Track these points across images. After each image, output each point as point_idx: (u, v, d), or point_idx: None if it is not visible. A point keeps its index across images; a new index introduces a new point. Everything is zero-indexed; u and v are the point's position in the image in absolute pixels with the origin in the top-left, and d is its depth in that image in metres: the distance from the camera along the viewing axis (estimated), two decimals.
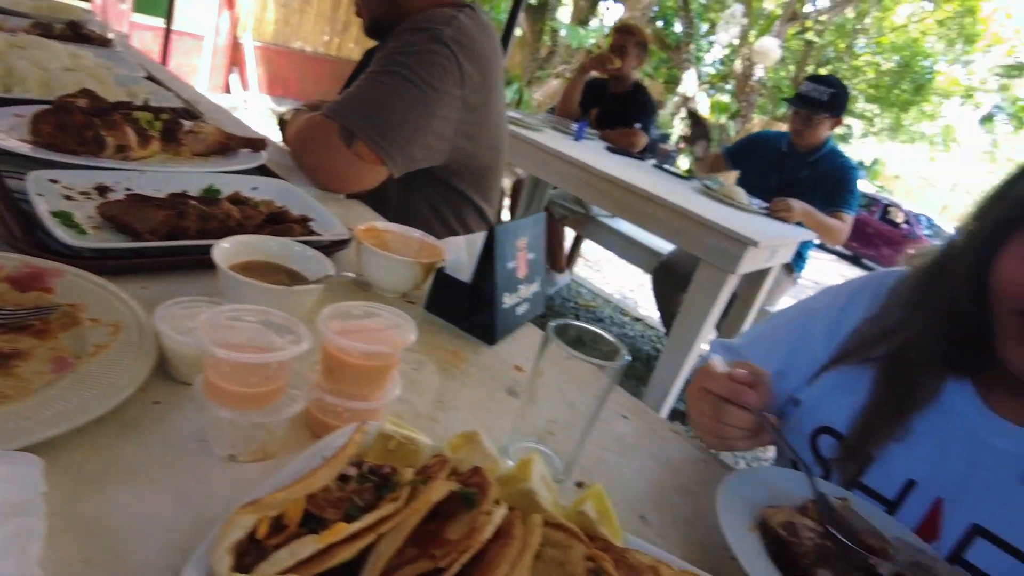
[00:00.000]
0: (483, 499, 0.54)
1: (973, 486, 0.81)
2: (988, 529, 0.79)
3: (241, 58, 8.59)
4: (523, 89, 11.79)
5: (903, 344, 0.88)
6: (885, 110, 15.88)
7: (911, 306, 0.89)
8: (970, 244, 0.83)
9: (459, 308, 1.01)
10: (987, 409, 0.83)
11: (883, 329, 0.91)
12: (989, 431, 0.82)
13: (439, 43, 1.43)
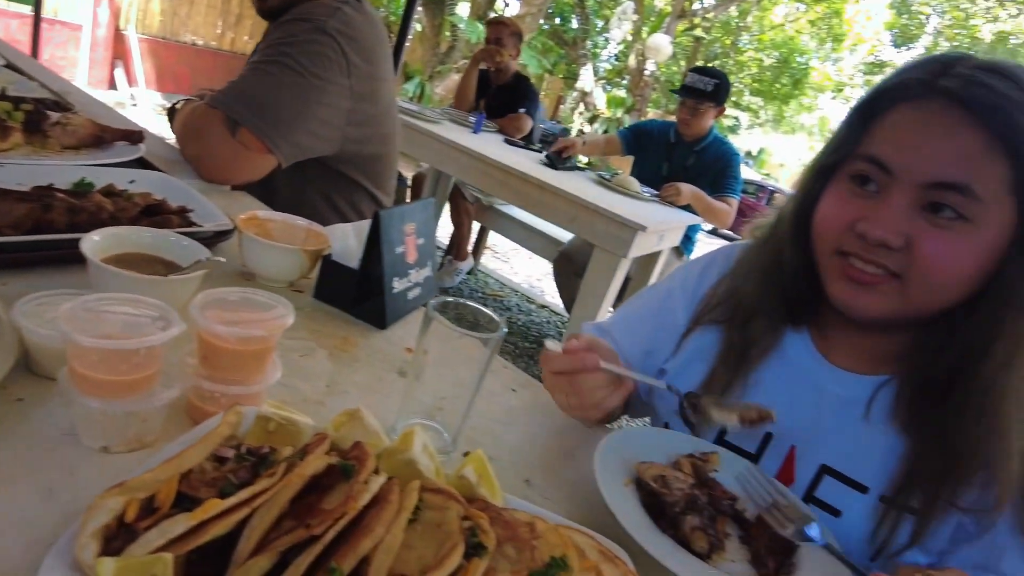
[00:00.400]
0: (360, 470, 0.56)
1: (819, 431, 0.89)
2: (833, 468, 0.88)
3: (125, 51, 8.03)
4: (424, 83, 11.70)
5: (741, 303, 0.96)
6: (768, 103, 16.90)
7: (748, 267, 0.97)
8: (793, 200, 0.92)
9: (348, 294, 1.01)
10: (823, 359, 0.92)
11: (725, 292, 0.99)
12: (827, 379, 0.91)
13: (323, 33, 1.42)
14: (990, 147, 0.72)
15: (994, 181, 0.73)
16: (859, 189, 0.81)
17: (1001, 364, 0.76)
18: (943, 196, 0.74)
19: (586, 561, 0.58)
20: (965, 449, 0.78)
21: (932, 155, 0.75)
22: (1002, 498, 0.77)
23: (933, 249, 0.75)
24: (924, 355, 0.83)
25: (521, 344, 3.99)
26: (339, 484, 0.56)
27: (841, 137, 0.85)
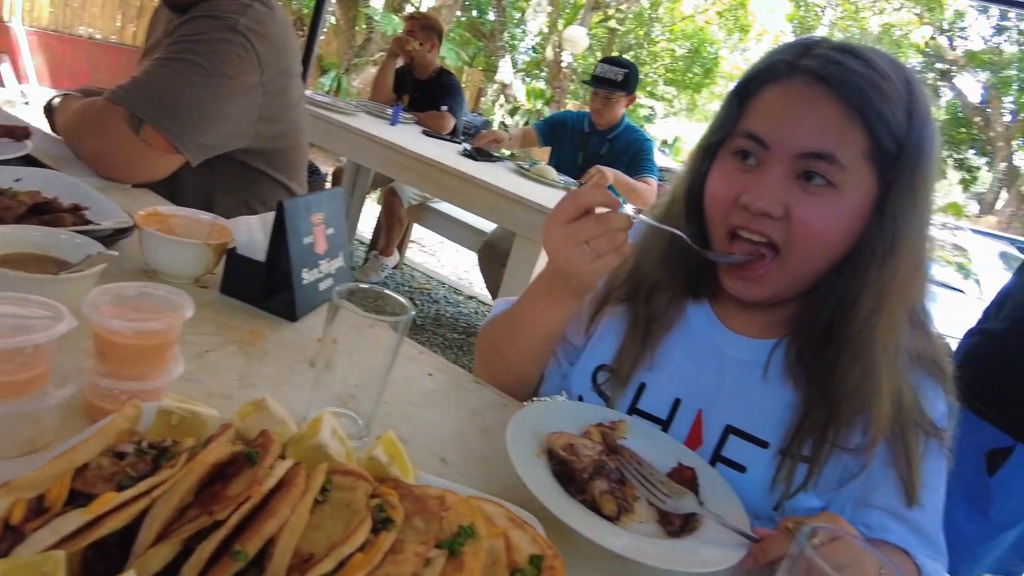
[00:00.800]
0: (265, 456, 0.56)
1: (723, 394, 0.96)
2: (737, 427, 0.94)
3: (11, 45, 7.47)
4: (341, 77, 11.46)
5: (643, 280, 1.01)
6: (681, 92, 17.43)
7: (648, 245, 1.02)
8: (684, 180, 0.98)
9: (255, 288, 1.00)
10: (722, 326, 0.98)
11: (629, 271, 1.04)
12: (727, 345, 0.97)
13: (234, 32, 1.39)
14: (848, 118, 0.80)
15: (854, 150, 0.81)
16: (741, 164, 0.87)
17: (868, 314, 0.84)
18: (813, 165, 0.81)
19: (494, 528, 0.60)
20: (844, 394, 0.86)
21: (801, 128, 0.82)
22: (876, 434, 0.85)
23: (808, 214, 0.82)
24: (808, 316, 0.90)
25: (450, 336, 3.99)
26: (245, 471, 0.56)
27: (722, 118, 0.91)
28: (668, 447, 0.91)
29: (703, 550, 0.72)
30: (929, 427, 0.90)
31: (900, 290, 0.85)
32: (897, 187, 0.82)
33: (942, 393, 0.94)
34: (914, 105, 0.82)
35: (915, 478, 0.88)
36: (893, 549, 0.89)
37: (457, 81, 4.30)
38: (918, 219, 0.84)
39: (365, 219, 4.60)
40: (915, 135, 0.82)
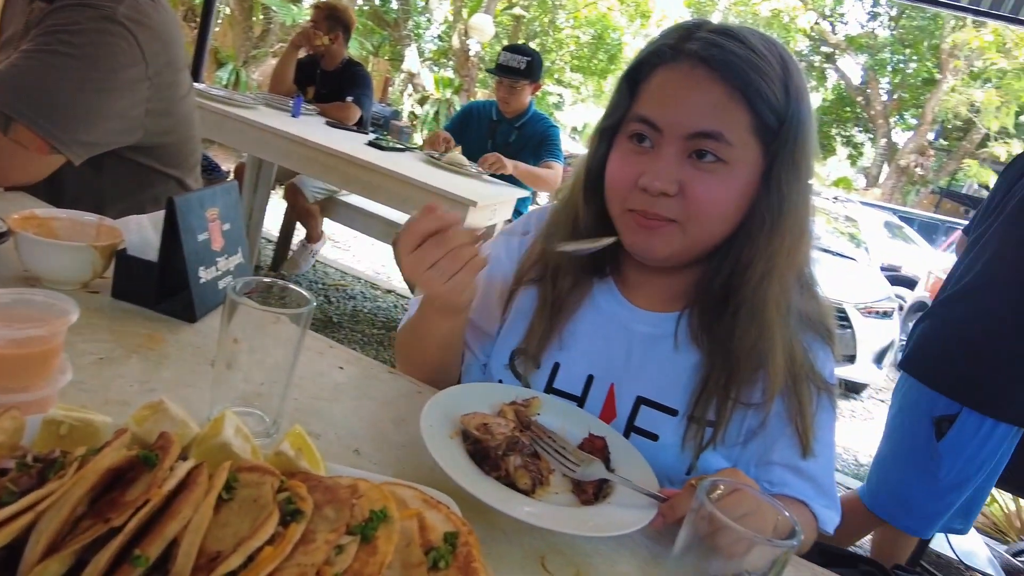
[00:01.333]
0: (164, 458, 0.54)
1: (632, 368, 1.00)
2: (647, 397, 0.98)
3: None
4: (239, 69, 10.99)
5: (550, 261, 1.04)
6: (588, 78, 17.73)
7: (553, 227, 1.05)
8: (584, 162, 1.01)
9: (149, 290, 0.95)
10: (628, 303, 1.03)
11: (537, 252, 1.07)
12: (633, 321, 1.02)
13: (112, 22, 1.30)
14: (732, 97, 0.85)
15: (739, 126, 0.86)
16: (637, 147, 0.91)
17: (761, 277, 0.90)
18: (703, 144, 0.86)
19: (408, 510, 0.60)
20: (743, 352, 0.92)
21: (689, 109, 0.86)
22: (773, 387, 0.92)
23: (702, 190, 0.87)
24: (706, 285, 0.95)
25: (369, 331, 3.94)
26: (143, 476, 0.54)
27: (615, 102, 0.95)
28: (579, 420, 0.94)
29: (616, 514, 0.75)
30: (820, 382, 0.97)
31: (788, 253, 0.91)
32: (781, 158, 0.88)
33: (830, 353, 1.01)
34: (790, 80, 0.88)
35: (809, 430, 0.95)
36: (792, 501, 0.96)
37: (366, 72, 4.20)
38: (801, 187, 0.91)
39: (271, 215, 4.44)
40: (793, 109, 0.87)
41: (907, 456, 2.16)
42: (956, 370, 2.06)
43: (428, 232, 0.83)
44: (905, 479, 2.16)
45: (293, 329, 0.74)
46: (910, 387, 2.20)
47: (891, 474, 2.22)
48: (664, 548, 0.78)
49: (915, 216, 12.26)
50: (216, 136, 3.18)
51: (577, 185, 1.02)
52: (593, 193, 0.98)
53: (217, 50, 10.91)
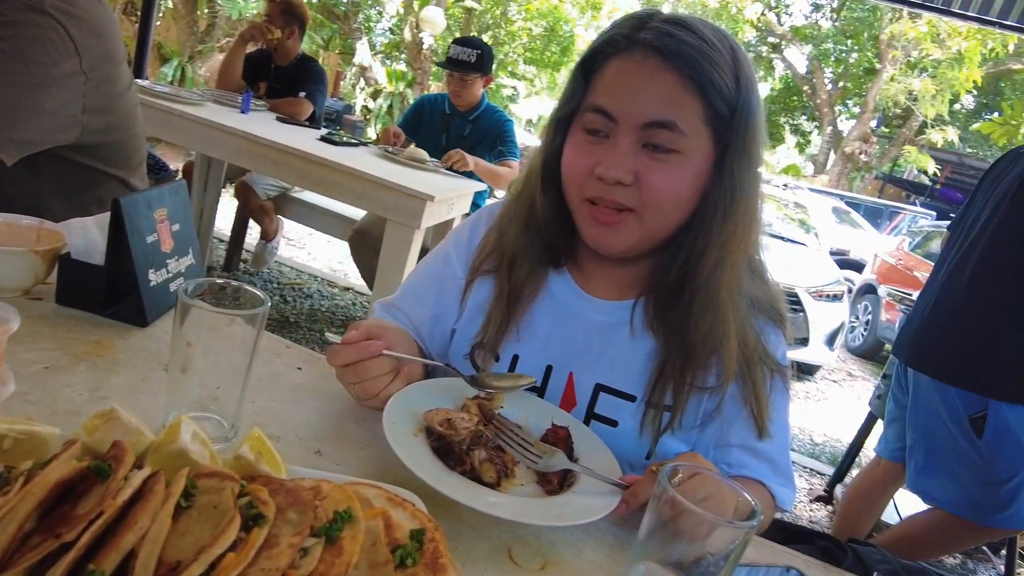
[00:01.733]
0: (118, 468, 0.52)
1: (590, 355, 1.01)
2: (605, 384, 1.00)
3: None
4: (185, 65, 10.66)
5: (505, 252, 1.04)
6: (541, 71, 17.75)
7: (508, 218, 1.06)
8: (539, 153, 1.01)
9: (96, 295, 0.92)
10: (583, 293, 1.04)
11: (492, 244, 1.07)
12: (589, 310, 1.03)
13: (40, 13, 1.24)
14: (684, 87, 0.86)
15: (692, 116, 0.87)
16: (593, 138, 0.92)
17: (715, 264, 0.92)
18: (656, 134, 0.87)
19: (372, 510, 0.60)
20: (699, 338, 0.94)
21: (643, 99, 0.87)
22: (728, 371, 0.94)
23: (656, 180, 0.88)
24: (661, 273, 0.97)
25: (328, 329, 3.88)
26: (96, 487, 0.52)
27: (569, 93, 0.95)
28: (542, 411, 0.94)
29: (580, 503, 0.76)
30: (773, 365, 1.00)
31: (740, 241, 0.94)
32: (732, 147, 0.90)
33: (782, 336, 1.04)
34: (740, 71, 0.90)
35: (764, 412, 0.97)
36: (750, 481, 0.99)
37: (320, 67, 4.11)
38: (752, 175, 0.93)
39: (222, 215, 4.34)
40: (744, 99, 0.89)
41: (956, 462, 2.10)
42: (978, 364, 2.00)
43: (348, 362, 0.85)
44: (967, 487, 2.10)
45: (248, 330, 0.72)
46: (929, 387, 2.14)
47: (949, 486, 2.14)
48: (629, 535, 0.80)
49: (861, 201, 12.67)
50: (162, 134, 3.08)
51: (533, 176, 1.02)
52: (550, 184, 0.98)
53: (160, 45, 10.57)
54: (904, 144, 15.00)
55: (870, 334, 7.37)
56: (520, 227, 1.02)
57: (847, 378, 6.56)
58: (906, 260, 7.42)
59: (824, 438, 4.54)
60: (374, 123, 13.43)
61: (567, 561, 0.73)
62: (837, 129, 17.16)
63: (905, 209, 12.44)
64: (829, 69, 17.11)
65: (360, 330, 0.86)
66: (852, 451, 3.42)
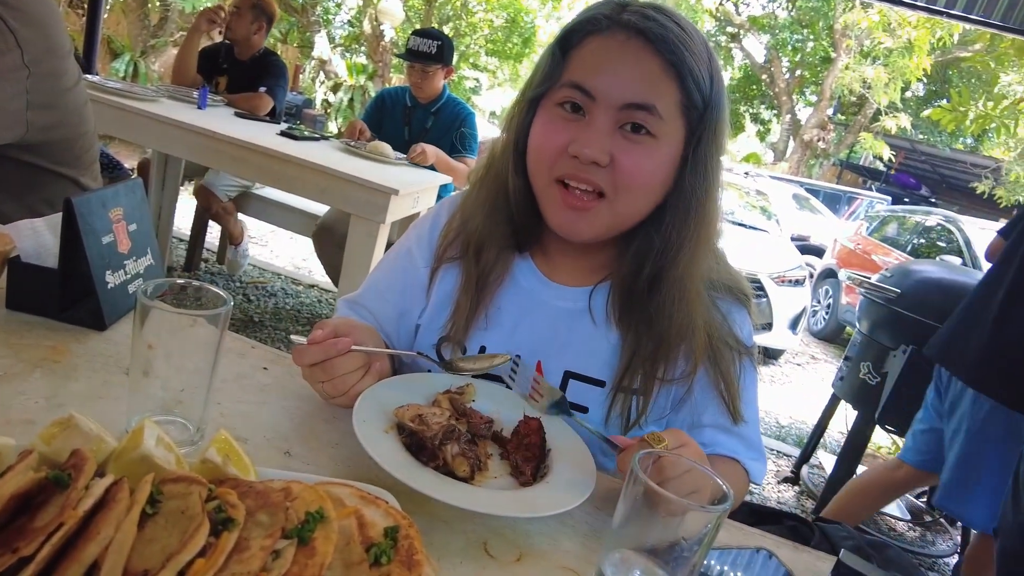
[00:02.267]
0: (78, 477, 0.51)
1: (557, 343, 1.01)
2: (575, 371, 1.00)
3: None
4: (137, 60, 10.34)
5: (471, 237, 1.03)
6: (503, 62, 17.70)
7: (473, 204, 1.05)
8: (507, 133, 1.00)
9: (51, 299, 0.89)
10: (547, 280, 1.04)
11: (456, 231, 1.06)
12: (554, 297, 1.03)
13: None
14: (665, 72, 0.86)
15: (670, 101, 0.87)
16: (568, 115, 0.90)
17: (691, 256, 0.93)
18: (635, 115, 0.87)
19: (344, 509, 0.59)
20: (668, 332, 0.95)
21: (625, 79, 0.86)
22: (696, 361, 0.96)
23: (631, 162, 0.88)
24: (630, 263, 0.97)
25: (293, 328, 3.83)
26: (55, 498, 0.51)
27: (544, 70, 0.93)
28: (514, 403, 0.94)
29: (554, 494, 0.76)
30: (740, 347, 1.01)
31: (712, 230, 0.96)
32: (705, 140, 0.90)
33: (747, 315, 1.06)
34: (713, 66, 0.91)
35: (735, 396, 0.99)
36: (724, 458, 1.00)
37: (281, 62, 4.00)
38: (720, 169, 0.94)
39: (181, 213, 4.24)
40: (716, 91, 0.90)
41: None
42: None
43: (315, 362, 0.83)
44: None
45: (211, 331, 0.71)
46: (994, 412, 2.03)
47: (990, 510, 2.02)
48: (603, 523, 0.80)
49: (820, 188, 12.96)
50: (115, 132, 2.99)
51: (501, 159, 1.00)
52: (522, 164, 0.97)
53: (111, 40, 10.22)
54: (860, 131, 15.35)
55: (831, 317, 7.55)
56: (488, 211, 1.01)
57: (810, 361, 6.72)
58: (864, 244, 7.62)
59: (789, 420, 4.65)
60: (335, 117, 13.23)
61: (543, 551, 0.73)
62: (795, 117, 17.49)
63: (862, 194, 12.77)
64: (786, 58, 17.40)
65: (327, 328, 0.84)
66: (817, 432, 3.51)
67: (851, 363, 3.14)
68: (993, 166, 12.73)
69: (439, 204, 1.15)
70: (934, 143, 16.75)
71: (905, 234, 7.30)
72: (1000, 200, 12.47)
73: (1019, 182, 11.95)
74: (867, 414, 2.98)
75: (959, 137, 17.40)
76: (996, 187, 12.51)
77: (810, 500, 3.46)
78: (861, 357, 3.05)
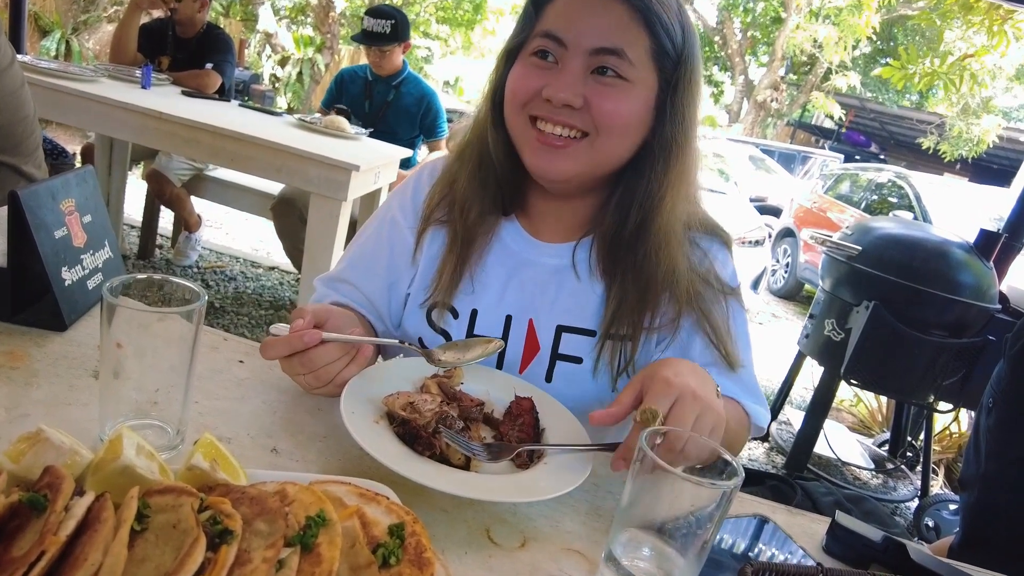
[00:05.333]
0: (56, 497, 0.47)
1: (546, 300, 1.01)
2: (566, 325, 1.00)
3: None
4: (69, 38, 9.81)
5: (457, 198, 1.02)
6: (455, 30, 17.34)
7: (458, 166, 1.04)
8: (488, 87, 1.00)
9: (2, 300, 0.83)
10: (532, 238, 1.04)
11: (441, 194, 1.05)
12: (539, 255, 1.03)
13: None
14: (634, 19, 0.88)
15: (639, 48, 0.89)
16: (541, 62, 0.92)
17: (673, 203, 0.95)
18: (606, 60, 0.88)
19: (346, 509, 0.56)
20: (652, 281, 0.96)
21: (594, 26, 0.88)
22: (680, 308, 0.98)
23: (606, 104, 0.89)
24: (614, 214, 0.98)
25: (255, 313, 3.73)
26: (32, 523, 0.47)
27: (521, 23, 0.96)
28: (504, 383, 0.92)
29: (553, 476, 0.75)
30: (725, 288, 1.02)
31: (692, 179, 0.97)
32: (681, 89, 0.92)
33: (728, 254, 1.07)
34: (684, 19, 0.92)
35: (723, 338, 0.98)
36: (726, 399, 0.98)
37: (227, 37, 3.83)
38: (697, 119, 0.95)
39: (131, 198, 4.06)
40: (689, 45, 0.92)
41: None
42: None
43: (281, 356, 0.79)
44: None
45: (184, 326, 0.66)
46: None
47: None
48: (603, 500, 0.79)
49: (774, 148, 13.12)
50: (51, 115, 2.82)
51: (484, 114, 1.01)
52: (501, 118, 0.97)
53: (38, 16, 9.65)
54: (811, 90, 15.56)
55: (791, 276, 7.72)
56: (471, 170, 1.01)
57: (772, 319, 6.87)
58: (820, 203, 7.77)
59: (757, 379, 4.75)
60: (284, 92, 12.82)
61: (546, 534, 0.71)
62: (748, 78, 17.62)
63: (815, 153, 12.98)
64: (738, 19, 17.46)
65: (307, 318, 0.80)
66: (784, 389, 3.59)
67: (815, 321, 3.20)
68: (937, 122, 13.08)
69: (419, 169, 1.13)
70: (882, 101, 17.10)
71: (859, 191, 7.46)
72: (944, 155, 12.85)
73: (961, 136, 12.32)
74: (833, 370, 3.05)
75: (905, 94, 17.80)
76: (940, 142, 12.88)
77: (780, 456, 3.56)
78: (825, 314, 3.11)
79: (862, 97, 16.20)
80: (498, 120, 0.97)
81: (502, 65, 0.97)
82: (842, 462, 3.46)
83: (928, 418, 3.22)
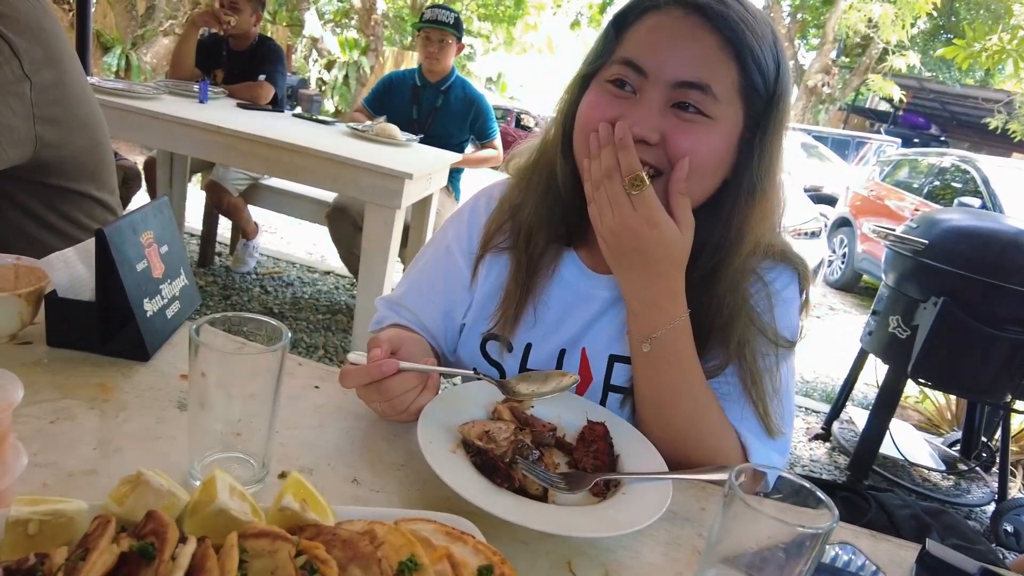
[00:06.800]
0: (163, 547, 0.48)
1: (599, 330, 0.99)
2: (618, 354, 0.98)
3: None
4: (128, 53, 10.20)
5: (521, 225, 1.00)
6: (496, 26, 17.35)
7: (523, 191, 1.01)
8: (558, 114, 0.96)
9: (91, 333, 0.86)
10: (590, 271, 1.01)
11: (504, 220, 1.03)
12: (596, 287, 1.00)
13: None
14: (723, 51, 0.81)
15: (727, 82, 0.82)
16: (617, 91, 0.86)
17: (750, 252, 0.89)
18: (688, 95, 0.82)
19: (435, 551, 0.56)
20: (714, 327, 0.91)
21: (679, 57, 0.82)
22: (727, 358, 0.92)
23: (684, 142, 0.82)
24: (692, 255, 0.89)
25: (313, 318, 3.81)
26: (143, 571, 0.48)
27: (599, 47, 0.89)
28: (575, 406, 0.91)
29: (633, 506, 0.73)
30: (780, 341, 0.94)
31: (775, 223, 0.92)
32: (766, 129, 0.85)
33: (797, 291, 0.99)
34: (779, 52, 0.86)
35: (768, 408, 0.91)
36: None
37: (278, 47, 3.92)
38: (782, 159, 0.89)
39: (192, 207, 4.20)
40: (782, 83, 0.86)
41: None
42: None
43: (368, 382, 0.80)
44: None
45: (269, 359, 0.67)
46: None
47: None
48: (682, 529, 0.78)
49: (827, 135, 12.73)
50: (119, 134, 2.93)
51: (553, 141, 0.97)
52: (571, 146, 0.92)
53: (99, 33, 10.06)
54: (866, 72, 15.00)
55: (847, 267, 7.48)
56: (538, 198, 0.98)
57: (829, 312, 6.67)
58: (878, 190, 7.49)
59: (814, 375, 4.62)
60: (331, 95, 13.07)
61: (627, 566, 0.70)
62: (799, 63, 17.09)
63: (871, 138, 12.53)
64: (787, 2, 16.95)
65: (384, 347, 0.81)
66: (846, 387, 3.47)
67: (879, 317, 3.09)
68: (1005, 99, 12.43)
69: (474, 197, 1.12)
70: (943, 81, 16.35)
71: (919, 177, 7.16)
72: (1015, 134, 12.20)
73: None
74: (899, 369, 2.94)
75: (969, 72, 16.99)
76: (1010, 121, 12.23)
77: (842, 456, 3.45)
78: (890, 311, 3.00)
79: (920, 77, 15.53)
80: (567, 150, 0.93)
81: (575, 89, 0.92)
82: (910, 463, 3.34)
83: (1005, 417, 3.07)
